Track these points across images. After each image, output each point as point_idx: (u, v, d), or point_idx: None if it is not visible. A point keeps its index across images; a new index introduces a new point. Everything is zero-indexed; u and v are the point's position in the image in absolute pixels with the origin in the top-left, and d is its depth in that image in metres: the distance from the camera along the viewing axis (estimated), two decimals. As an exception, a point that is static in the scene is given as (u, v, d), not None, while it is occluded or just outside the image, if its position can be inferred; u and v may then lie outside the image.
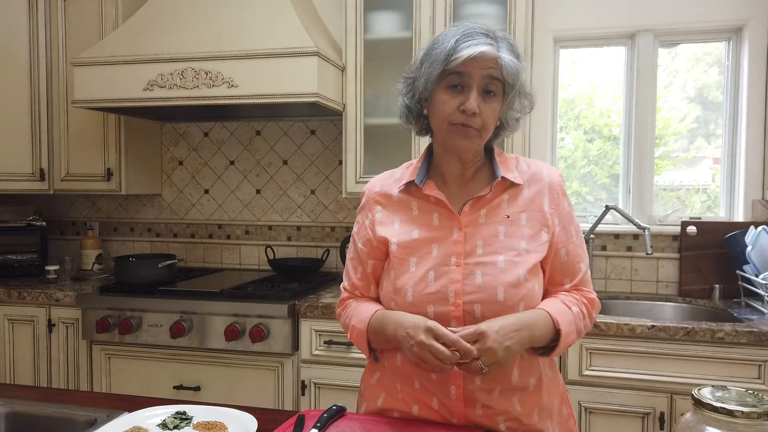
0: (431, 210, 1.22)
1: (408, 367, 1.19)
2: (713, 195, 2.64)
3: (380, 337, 1.20)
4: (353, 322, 1.25)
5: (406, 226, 1.23)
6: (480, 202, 1.20)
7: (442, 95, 1.15)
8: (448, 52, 1.12)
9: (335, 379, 2.22)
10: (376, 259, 1.27)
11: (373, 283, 1.29)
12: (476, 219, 1.19)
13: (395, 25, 2.49)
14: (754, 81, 2.47)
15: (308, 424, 1.13)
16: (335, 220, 2.90)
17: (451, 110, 1.14)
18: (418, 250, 1.19)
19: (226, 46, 2.29)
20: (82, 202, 3.21)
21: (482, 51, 1.11)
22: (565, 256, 1.21)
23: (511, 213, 1.19)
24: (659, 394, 1.97)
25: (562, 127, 2.77)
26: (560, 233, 1.20)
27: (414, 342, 1.07)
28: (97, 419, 1.19)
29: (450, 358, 1.04)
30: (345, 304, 1.33)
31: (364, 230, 1.29)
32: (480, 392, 1.15)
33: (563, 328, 1.14)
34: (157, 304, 2.32)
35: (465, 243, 1.17)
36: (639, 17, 2.55)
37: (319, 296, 2.36)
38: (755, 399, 0.88)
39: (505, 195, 1.21)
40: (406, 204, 1.25)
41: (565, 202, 1.23)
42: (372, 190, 1.31)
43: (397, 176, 1.30)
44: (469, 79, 1.13)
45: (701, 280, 2.50)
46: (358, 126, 2.48)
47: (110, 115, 2.73)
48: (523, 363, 1.17)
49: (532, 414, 1.18)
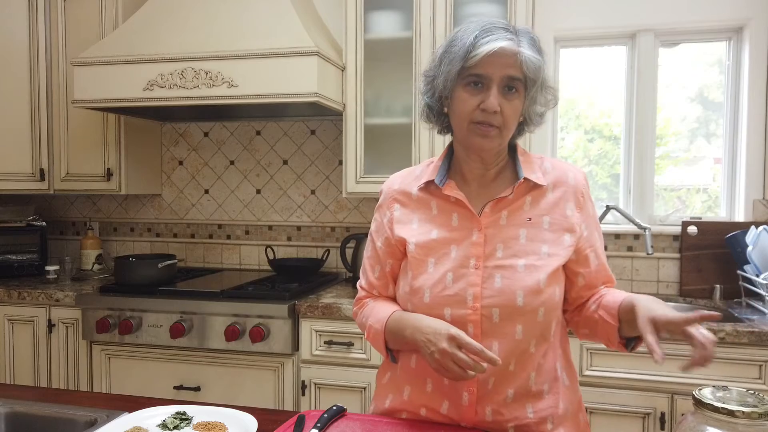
0: (451, 210, 1.19)
1: (421, 369, 1.18)
2: (714, 195, 2.64)
3: (398, 338, 1.18)
4: (370, 322, 1.23)
5: (424, 226, 1.20)
6: (501, 204, 1.17)
7: (461, 93, 1.12)
8: (467, 49, 1.09)
9: (335, 380, 2.22)
10: (394, 258, 1.25)
11: (391, 282, 1.28)
12: (497, 221, 1.16)
13: (395, 25, 2.49)
14: (754, 81, 2.46)
15: (308, 425, 1.13)
16: (335, 220, 2.89)
17: (471, 108, 1.11)
18: (437, 251, 1.17)
19: (226, 46, 2.29)
20: (82, 202, 3.21)
21: (502, 46, 1.08)
22: (596, 260, 1.19)
23: (533, 216, 1.16)
24: (660, 394, 1.97)
25: (562, 127, 2.76)
26: (588, 238, 1.18)
27: (436, 349, 1.05)
28: (97, 419, 1.19)
29: (474, 368, 1.02)
30: (362, 303, 1.31)
31: (383, 228, 1.26)
32: (493, 398, 1.13)
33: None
34: (157, 304, 2.32)
35: (485, 245, 1.15)
36: (639, 17, 2.55)
37: (319, 296, 2.35)
38: (756, 399, 0.88)
39: (528, 197, 1.18)
40: (425, 203, 1.23)
41: (590, 205, 1.21)
42: (391, 188, 1.28)
43: (417, 174, 1.27)
44: (489, 77, 1.10)
45: (702, 280, 2.49)
46: (358, 126, 2.48)
47: (110, 115, 2.73)
48: (540, 367, 1.15)
49: (546, 422, 1.15)
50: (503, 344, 1.12)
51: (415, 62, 2.41)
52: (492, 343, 1.11)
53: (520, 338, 1.12)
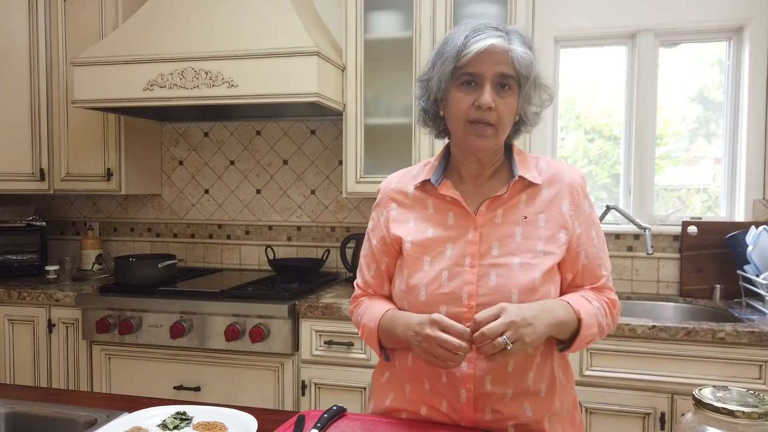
0: (447, 209, 1.20)
1: (419, 368, 1.18)
2: (714, 195, 2.64)
3: (390, 336, 1.19)
4: (364, 320, 1.25)
5: (420, 225, 1.21)
6: (497, 202, 1.18)
7: (456, 93, 1.14)
8: (458, 49, 1.11)
9: (335, 380, 2.22)
10: (390, 257, 1.26)
11: (387, 281, 1.28)
12: (492, 219, 1.17)
13: (395, 25, 2.49)
14: (754, 81, 2.46)
15: (308, 425, 1.13)
16: (335, 220, 2.89)
17: (465, 107, 1.13)
18: (432, 249, 1.18)
19: (226, 45, 2.29)
20: (82, 202, 3.21)
21: (492, 43, 1.09)
22: (585, 259, 1.19)
23: (529, 214, 1.17)
24: (660, 394, 1.97)
25: (562, 127, 2.76)
26: (580, 236, 1.18)
27: (422, 338, 1.06)
28: (97, 419, 1.19)
29: (458, 348, 1.02)
30: (358, 302, 1.32)
31: (379, 227, 1.28)
32: (491, 396, 1.13)
33: (584, 318, 1.12)
34: (157, 304, 2.32)
35: (480, 243, 1.15)
36: (639, 17, 2.55)
37: (319, 296, 2.35)
38: (756, 399, 0.87)
39: (523, 195, 1.19)
40: (421, 202, 1.24)
41: (586, 203, 1.21)
42: (388, 187, 1.29)
43: (413, 173, 1.28)
44: (481, 75, 1.11)
45: (702, 280, 2.49)
46: (358, 126, 2.48)
47: (110, 115, 2.73)
48: (538, 367, 1.16)
49: (543, 420, 1.16)
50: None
51: (415, 62, 2.41)
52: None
53: None
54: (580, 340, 1.13)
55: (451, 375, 1.14)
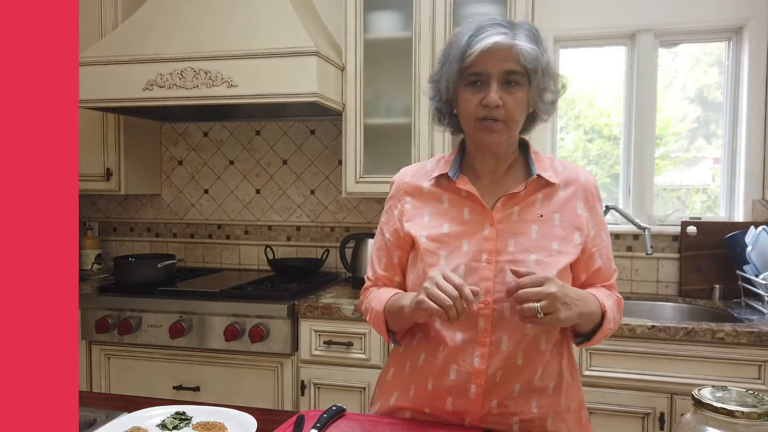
0: (462, 204, 1.20)
1: (426, 367, 1.19)
2: (713, 195, 2.64)
3: (396, 315, 1.18)
4: (372, 305, 1.25)
5: (436, 219, 1.21)
6: (513, 199, 1.18)
7: (464, 94, 1.15)
8: (462, 49, 1.12)
9: (335, 380, 2.22)
10: (402, 250, 1.26)
11: (398, 273, 1.28)
12: (509, 216, 1.18)
13: (395, 25, 2.49)
14: (754, 81, 2.46)
15: (308, 425, 1.13)
16: (335, 220, 2.89)
17: (474, 107, 1.14)
18: (448, 245, 1.18)
19: (225, 45, 2.29)
20: (82, 202, 3.21)
21: (496, 41, 1.09)
22: (599, 260, 1.21)
23: (545, 212, 1.18)
24: (659, 394, 1.97)
25: (562, 127, 2.76)
26: (595, 237, 1.20)
27: (422, 296, 1.05)
28: (97, 419, 1.18)
29: (452, 296, 1.01)
30: (367, 292, 1.33)
31: (393, 221, 1.27)
32: (500, 392, 1.14)
33: (607, 312, 1.15)
34: (156, 304, 2.32)
35: (497, 240, 1.16)
36: (639, 17, 2.55)
37: (319, 296, 2.35)
38: (755, 399, 0.87)
39: (540, 194, 1.19)
40: (436, 196, 1.24)
41: (599, 207, 1.23)
42: (402, 180, 1.29)
43: (427, 168, 1.28)
44: (487, 74, 1.12)
45: (701, 280, 2.49)
46: (358, 126, 2.48)
47: (110, 115, 2.72)
48: (547, 364, 1.17)
49: (547, 417, 1.17)
50: (513, 338, 1.14)
51: (414, 62, 2.41)
52: (502, 336, 1.14)
53: (530, 334, 1.14)
54: (600, 334, 1.16)
55: (463, 371, 1.14)
